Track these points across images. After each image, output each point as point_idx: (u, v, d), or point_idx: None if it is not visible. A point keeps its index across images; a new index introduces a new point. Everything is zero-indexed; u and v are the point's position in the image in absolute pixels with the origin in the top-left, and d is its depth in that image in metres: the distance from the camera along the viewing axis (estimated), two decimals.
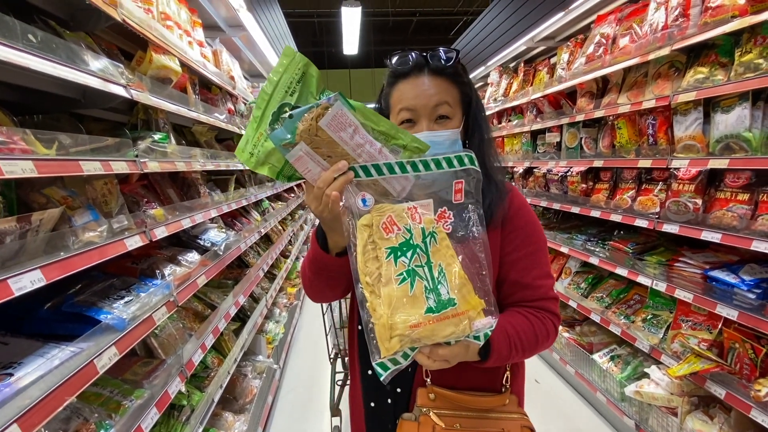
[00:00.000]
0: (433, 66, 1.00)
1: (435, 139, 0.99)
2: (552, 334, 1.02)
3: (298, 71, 0.73)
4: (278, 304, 3.89)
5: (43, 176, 1.00)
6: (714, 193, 2.04)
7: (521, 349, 0.96)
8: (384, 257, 0.76)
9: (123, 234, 1.36)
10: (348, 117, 0.72)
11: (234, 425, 2.14)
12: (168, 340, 1.68)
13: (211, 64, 2.47)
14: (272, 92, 0.73)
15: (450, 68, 1.01)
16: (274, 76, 0.72)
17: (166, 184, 2.02)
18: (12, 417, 0.81)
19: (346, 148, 0.74)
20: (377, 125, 0.76)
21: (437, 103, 0.99)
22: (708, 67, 1.95)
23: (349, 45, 8.35)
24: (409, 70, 1.02)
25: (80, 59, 1.22)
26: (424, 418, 0.99)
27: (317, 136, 0.72)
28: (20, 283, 0.92)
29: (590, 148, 2.93)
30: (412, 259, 0.76)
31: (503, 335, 0.93)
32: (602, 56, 2.62)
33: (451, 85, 1.01)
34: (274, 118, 0.74)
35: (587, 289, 3.04)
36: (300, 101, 0.75)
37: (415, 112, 1.00)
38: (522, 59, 4.15)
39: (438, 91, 0.99)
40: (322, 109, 0.70)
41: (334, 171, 0.76)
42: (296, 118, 0.70)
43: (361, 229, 0.77)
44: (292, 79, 0.73)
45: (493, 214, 1.00)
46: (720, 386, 1.85)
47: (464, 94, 1.04)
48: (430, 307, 0.75)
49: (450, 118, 1.01)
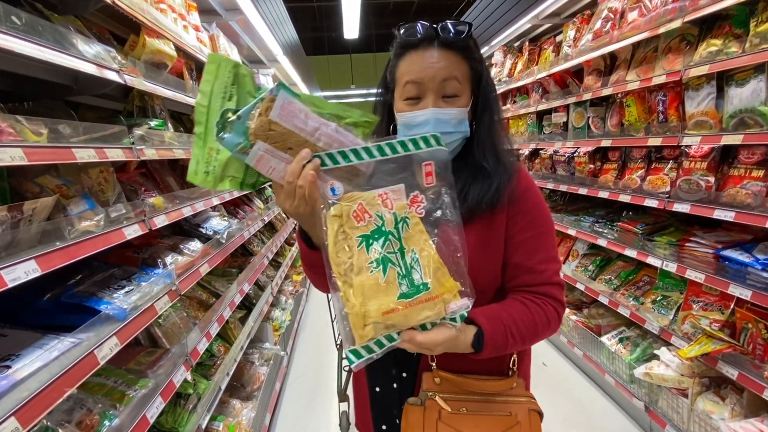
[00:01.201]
0: (443, 38, 0.94)
1: (441, 117, 0.95)
2: (554, 321, 0.98)
3: (229, 74, 0.68)
4: (284, 292, 3.90)
5: (34, 164, 0.97)
6: (727, 170, 1.98)
7: (519, 339, 0.93)
8: (356, 246, 0.75)
9: (121, 223, 1.34)
10: (296, 104, 0.69)
11: (242, 412, 2.15)
12: (172, 329, 1.67)
13: (208, 49, 2.41)
14: (209, 103, 0.68)
15: (461, 42, 0.95)
16: (206, 87, 0.68)
17: (166, 172, 1.99)
18: (9, 410, 0.79)
19: (303, 135, 0.71)
20: (323, 108, 0.73)
21: (445, 77, 0.93)
22: (721, 39, 1.87)
23: (349, 29, 8.21)
24: (418, 42, 0.95)
25: (69, 43, 1.17)
26: (430, 402, 0.97)
27: (271, 131, 0.69)
28: (14, 273, 0.89)
29: (598, 128, 2.86)
30: (385, 245, 0.76)
31: (499, 325, 0.90)
32: (610, 32, 2.54)
33: (462, 60, 0.95)
34: (219, 127, 0.69)
35: (595, 271, 3.00)
36: (240, 104, 0.70)
37: (422, 86, 0.94)
38: (527, 38, 4.04)
39: (447, 64, 0.94)
40: (269, 102, 0.67)
41: (299, 161, 0.73)
42: (244, 117, 0.67)
43: (332, 220, 0.75)
44: (225, 84, 0.68)
45: (500, 195, 0.96)
46: (732, 367, 1.82)
47: (475, 71, 0.98)
48: (403, 293, 0.75)
49: (458, 96, 0.96)
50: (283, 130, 0.70)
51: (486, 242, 0.98)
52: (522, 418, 0.97)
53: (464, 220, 0.96)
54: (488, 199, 0.95)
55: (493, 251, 0.99)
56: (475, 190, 0.96)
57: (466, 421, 0.95)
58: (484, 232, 0.97)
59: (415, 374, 1.04)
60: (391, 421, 1.11)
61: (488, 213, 0.97)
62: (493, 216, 0.97)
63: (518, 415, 0.97)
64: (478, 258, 0.97)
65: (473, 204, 0.96)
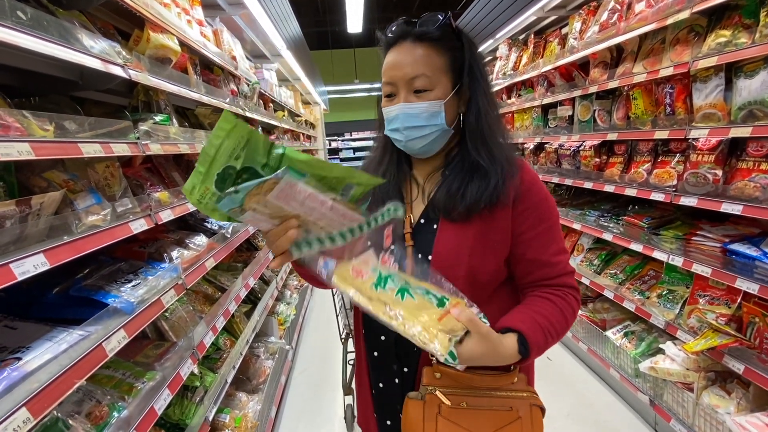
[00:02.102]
0: (416, 32, 0.94)
1: (409, 112, 0.96)
2: (576, 308, 1.02)
3: (241, 139, 0.67)
4: (289, 286, 3.91)
5: (41, 158, 0.98)
6: (735, 163, 1.95)
7: (555, 335, 0.96)
8: (375, 291, 0.84)
9: (128, 217, 1.34)
10: (298, 187, 0.69)
11: (248, 405, 2.17)
12: (178, 322, 1.68)
13: (212, 44, 2.41)
14: (214, 155, 0.67)
15: (434, 32, 0.94)
16: (215, 140, 0.67)
17: (171, 167, 2.00)
18: (21, 401, 0.81)
19: (296, 211, 0.74)
20: (330, 173, 0.74)
21: (413, 75, 0.94)
22: (731, 29, 1.84)
23: (353, 23, 8.18)
24: (394, 40, 0.97)
25: (74, 38, 1.18)
26: (430, 396, 0.97)
27: (266, 207, 0.70)
28: (23, 267, 0.90)
29: (604, 121, 2.83)
30: (396, 282, 0.86)
31: (537, 328, 0.92)
32: (617, 23, 2.51)
33: (437, 51, 0.95)
34: (219, 179, 0.70)
35: (600, 265, 2.99)
36: (246, 163, 0.70)
37: (394, 86, 0.97)
38: (532, 30, 4.00)
39: (414, 60, 0.94)
40: (271, 185, 0.67)
41: (283, 230, 0.76)
42: (242, 193, 0.67)
43: (344, 284, 0.84)
44: (235, 146, 0.67)
45: (499, 194, 0.96)
46: (738, 361, 1.81)
47: (455, 60, 0.97)
48: (439, 302, 0.85)
49: (430, 90, 0.96)
50: (278, 206, 0.71)
51: (486, 240, 0.98)
52: (523, 413, 0.97)
53: (462, 218, 0.97)
54: (486, 197, 0.95)
55: (493, 248, 0.99)
56: (473, 189, 0.96)
57: (467, 415, 0.95)
58: (483, 229, 0.98)
59: (416, 369, 1.05)
60: (395, 416, 1.11)
61: (487, 211, 0.97)
62: (493, 213, 0.97)
63: (519, 410, 0.97)
64: (478, 255, 0.97)
65: (471, 203, 0.95)
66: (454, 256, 0.97)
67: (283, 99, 4.78)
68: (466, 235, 0.97)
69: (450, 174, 1.02)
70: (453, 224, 0.99)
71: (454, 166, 1.03)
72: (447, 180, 1.02)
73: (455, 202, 0.97)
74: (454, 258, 0.97)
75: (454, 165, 1.03)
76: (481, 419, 0.94)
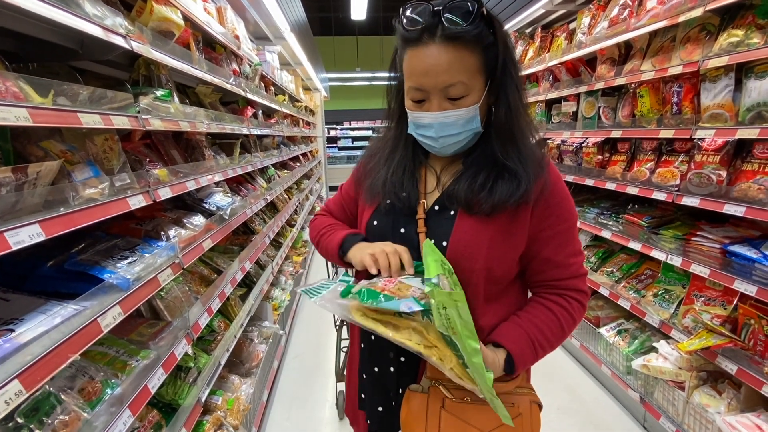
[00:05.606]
0: (449, 33, 0.83)
1: (445, 121, 0.91)
2: (578, 315, 1.01)
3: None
4: (284, 272, 3.89)
5: (39, 125, 0.94)
6: (740, 164, 1.95)
7: (549, 347, 0.98)
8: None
9: (126, 192, 1.31)
10: None
11: (240, 388, 2.16)
12: (174, 302, 1.66)
13: (215, 22, 2.35)
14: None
15: (469, 32, 0.84)
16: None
17: (170, 144, 1.96)
18: (13, 373, 0.78)
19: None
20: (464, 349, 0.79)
21: (448, 84, 0.87)
22: (744, 29, 1.82)
23: (356, 9, 8.07)
24: (418, 35, 0.86)
25: (75, 3, 1.13)
26: (434, 389, 0.97)
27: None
28: (18, 237, 0.87)
29: (608, 118, 2.82)
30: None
31: (527, 345, 0.94)
32: (627, 19, 2.48)
33: (471, 53, 0.86)
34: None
35: (597, 263, 3.00)
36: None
37: (425, 92, 0.90)
38: (539, 24, 3.96)
39: (449, 66, 0.85)
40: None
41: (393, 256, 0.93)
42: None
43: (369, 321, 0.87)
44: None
45: (528, 197, 0.94)
46: (731, 362, 1.82)
47: (489, 57, 0.89)
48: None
49: (466, 95, 0.89)
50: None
51: (507, 235, 0.96)
52: (524, 410, 0.98)
53: (486, 213, 0.94)
54: (515, 200, 0.92)
55: (512, 244, 0.97)
56: (502, 189, 0.93)
57: (470, 410, 0.95)
58: (504, 225, 0.96)
59: (413, 361, 1.04)
60: (388, 403, 1.11)
61: (512, 207, 0.94)
62: (516, 210, 0.95)
63: (520, 406, 0.98)
64: (497, 249, 0.96)
65: (498, 203, 0.92)
66: (472, 248, 0.95)
67: (284, 83, 4.71)
68: (486, 228, 0.95)
69: (472, 166, 0.99)
70: (472, 216, 0.96)
71: (476, 157, 0.99)
72: (468, 172, 0.98)
73: (480, 198, 0.94)
74: (472, 249, 0.95)
75: (476, 156, 0.99)
76: (484, 415, 0.94)
